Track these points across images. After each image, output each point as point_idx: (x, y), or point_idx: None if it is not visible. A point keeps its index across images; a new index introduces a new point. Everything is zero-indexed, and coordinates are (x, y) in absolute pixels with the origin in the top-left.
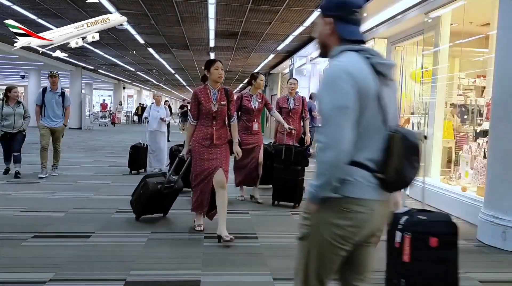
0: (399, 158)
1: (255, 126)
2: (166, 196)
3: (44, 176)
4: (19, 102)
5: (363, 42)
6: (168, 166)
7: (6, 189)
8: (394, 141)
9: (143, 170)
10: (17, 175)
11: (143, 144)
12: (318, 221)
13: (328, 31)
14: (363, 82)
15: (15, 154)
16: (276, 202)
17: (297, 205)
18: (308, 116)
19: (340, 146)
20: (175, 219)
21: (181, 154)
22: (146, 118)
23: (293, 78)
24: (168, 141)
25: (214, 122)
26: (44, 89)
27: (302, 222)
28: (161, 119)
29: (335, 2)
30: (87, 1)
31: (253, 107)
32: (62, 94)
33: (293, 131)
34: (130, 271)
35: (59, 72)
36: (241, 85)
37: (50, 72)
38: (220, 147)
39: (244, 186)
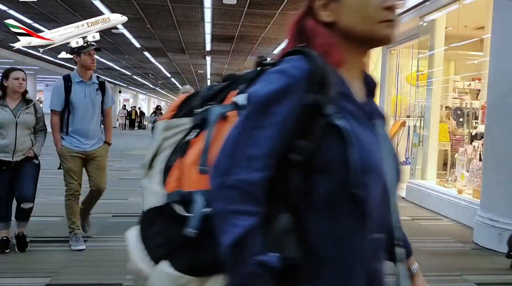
0: None
1: None
2: None
3: (82, 247)
4: (27, 100)
5: None
6: None
7: None
8: None
9: None
10: (21, 241)
11: None
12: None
13: None
14: None
15: (25, 206)
16: None
17: None
18: None
19: None
20: None
21: None
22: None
23: None
24: None
25: None
26: (67, 79)
27: None
28: None
29: None
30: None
31: None
32: (101, 86)
33: None
34: (127, 276)
35: (56, 77)
36: None
37: (86, 42)
38: None
39: None
